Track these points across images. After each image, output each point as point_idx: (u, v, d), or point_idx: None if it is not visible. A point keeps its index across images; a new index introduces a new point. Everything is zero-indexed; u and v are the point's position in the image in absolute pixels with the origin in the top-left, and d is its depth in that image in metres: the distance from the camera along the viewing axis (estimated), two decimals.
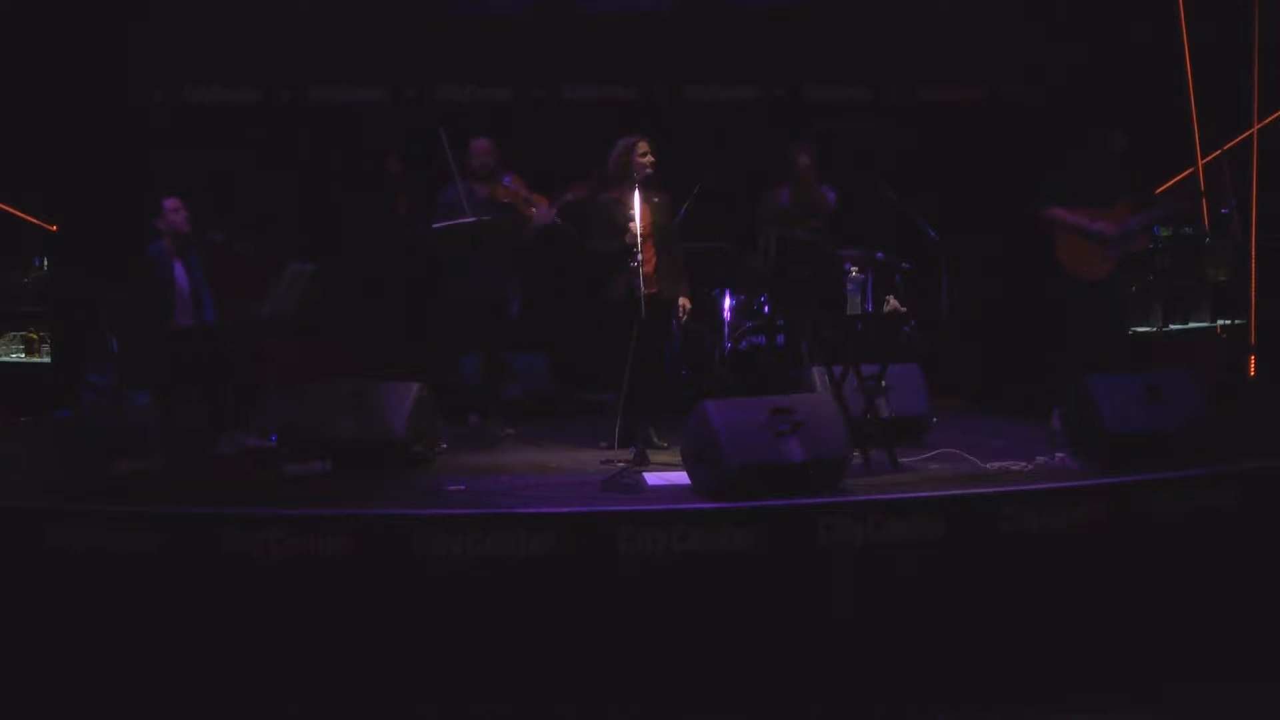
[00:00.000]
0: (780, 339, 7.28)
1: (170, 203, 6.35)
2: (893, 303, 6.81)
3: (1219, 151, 7.56)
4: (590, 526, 4.50)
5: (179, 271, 6.38)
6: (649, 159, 6.45)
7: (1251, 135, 8.14)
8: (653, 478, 5.43)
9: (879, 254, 7.60)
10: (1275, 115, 8.23)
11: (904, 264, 7.73)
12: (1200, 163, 8.34)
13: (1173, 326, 8.11)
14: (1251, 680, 4.65)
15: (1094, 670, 4.67)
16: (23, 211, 8.40)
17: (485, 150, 7.00)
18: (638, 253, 6.26)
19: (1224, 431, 5.62)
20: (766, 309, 7.39)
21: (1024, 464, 5.49)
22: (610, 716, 4.41)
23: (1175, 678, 4.66)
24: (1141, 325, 8.27)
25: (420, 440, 5.88)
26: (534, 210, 6.94)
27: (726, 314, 7.51)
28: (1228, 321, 7.86)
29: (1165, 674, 4.68)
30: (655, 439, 6.34)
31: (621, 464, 5.72)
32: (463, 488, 5.22)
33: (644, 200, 6.39)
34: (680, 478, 5.21)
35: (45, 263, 8.56)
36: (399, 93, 9.07)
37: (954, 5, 9.24)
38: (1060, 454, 5.56)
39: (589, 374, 8.31)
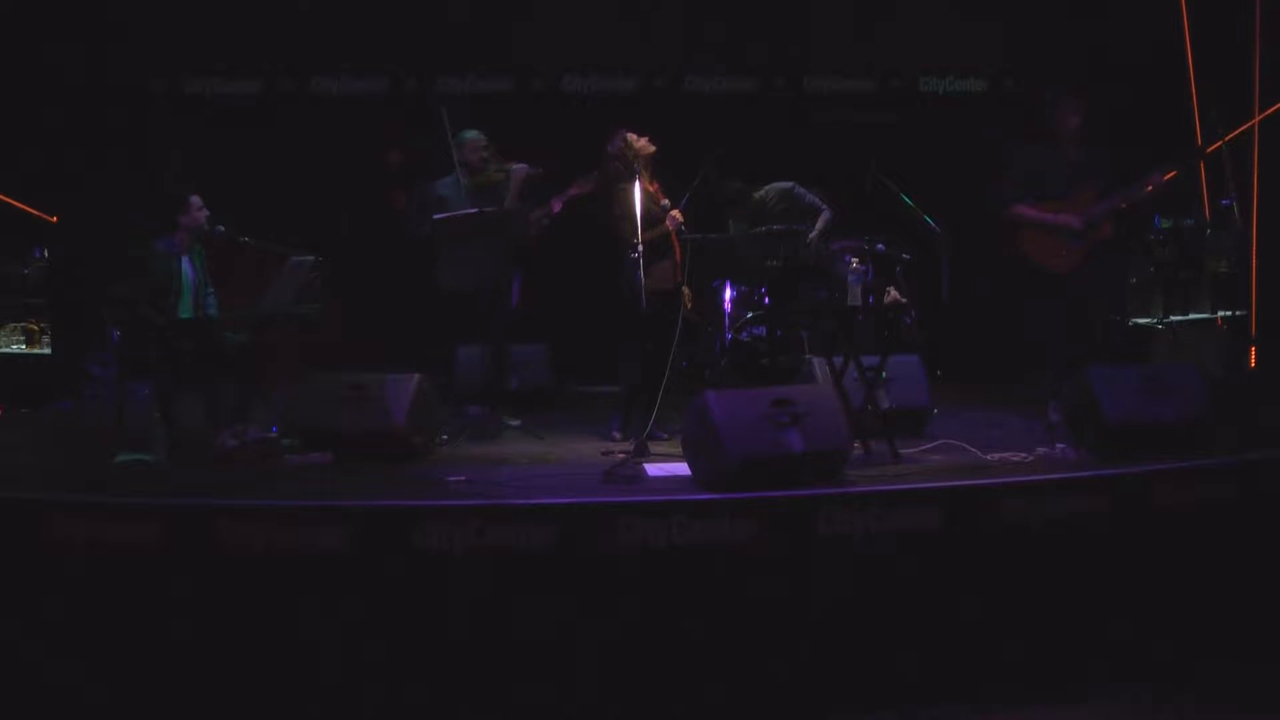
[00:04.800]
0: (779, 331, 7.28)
1: (196, 199, 6.37)
2: (893, 294, 6.81)
3: (1219, 143, 7.56)
4: (591, 517, 4.50)
5: (186, 265, 6.38)
6: (645, 140, 6.50)
7: (1253, 126, 8.14)
8: (653, 469, 5.43)
9: (879, 245, 7.60)
10: (1276, 107, 8.23)
11: (904, 255, 7.73)
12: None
13: (1174, 318, 8.11)
14: (1248, 678, 4.65)
15: (1093, 662, 4.67)
16: (23, 202, 8.40)
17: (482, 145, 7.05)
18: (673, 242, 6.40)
19: (1224, 423, 5.62)
20: (767, 300, 7.39)
21: (1024, 455, 5.48)
22: (610, 709, 4.42)
23: (1174, 672, 4.67)
24: (1142, 317, 8.27)
25: (421, 431, 5.88)
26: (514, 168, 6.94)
27: (727, 305, 7.50)
28: (1228, 313, 7.85)
29: (1163, 667, 4.69)
30: (657, 430, 6.35)
31: (621, 455, 5.73)
32: (463, 479, 5.22)
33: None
34: (681, 469, 5.21)
35: (46, 254, 8.55)
36: (400, 84, 9.08)
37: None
38: (1060, 445, 5.55)
39: (588, 365, 8.32)
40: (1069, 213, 6.63)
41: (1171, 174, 6.74)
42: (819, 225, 7.22)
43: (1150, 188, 6.67)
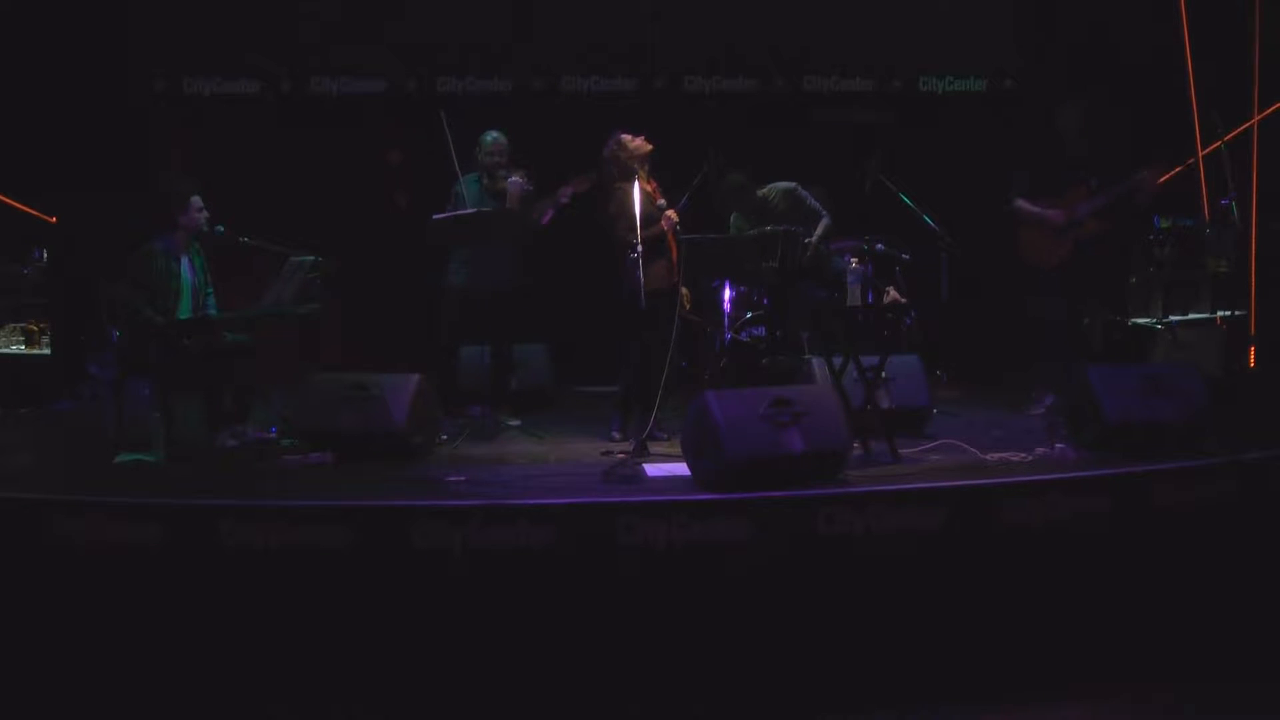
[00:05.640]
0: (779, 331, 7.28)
1: (197, 200, 6.38)
2: (893, 294, 6.81)
3: (1219, 143, 7.57)
4: (590, 517, 4.51)
5: (185, 265, 6.38)
6: (641, 139, 6.50)
7: (1252, 126, 8.14)
8: (653, 469, 5.43)
9: (879, 245, 7.61)
10: (1275, 106, 8.23)
11: (904, 255, 7.74)
12: (1200, 153, 8.35)
13: (1173, 318, 8.11)
14: (1249, 679, 4.64)
15: (1093, 662, 4.67)
16: (23, 203, 8.40)
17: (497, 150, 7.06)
18: (670, 241, 6.40)
19: (1224, 422, 5.62)
20: (766, 301, 7.39)
21: (1024, 455, 5.48)
22: (610, 709, 4.42)
23: (1175, 672, 4.67)
24: (1141, 317, 8.27)
25: (420, 431, 5.88)
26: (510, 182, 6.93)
27: (727, 305, 7.51)
28: (1228, 313, 7.86)
29: (1164, 667, 4.69)
30: (656, 430, 6.35)
31: (621, 455, 5.73)
32: (463, 479, 5.22)
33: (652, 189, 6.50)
34: (680, 469, 5.21)
35: (45, 254, 8.54)
36: (400, 84, 9.08)
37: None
38: (1060, 445, 5.56)
39: (588, 365, 8.32)
40: (1057, 209, 6.81)
41: (1162, 176, 6.80)
42: (819, 231, 7.22)
43: (1136, 189, 6.78)
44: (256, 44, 8.92)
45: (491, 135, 7.06)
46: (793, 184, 7.38)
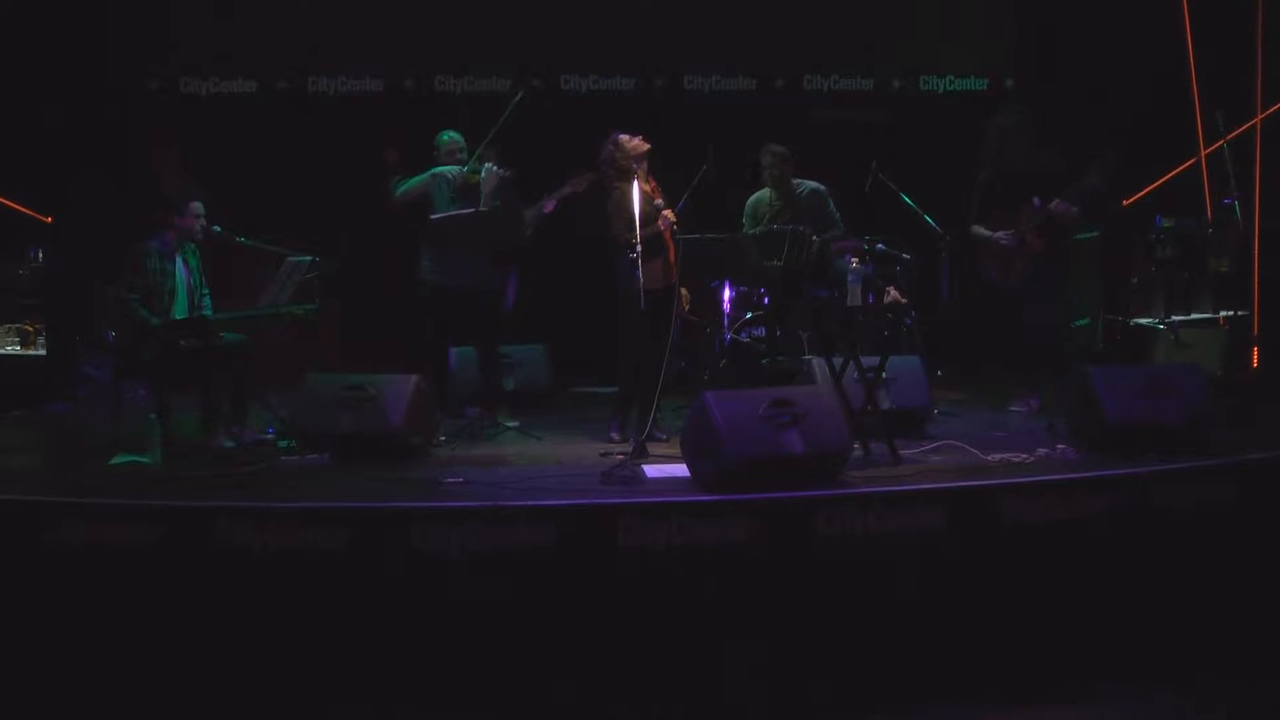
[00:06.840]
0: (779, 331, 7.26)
1: (197, 207, 6.36)
2: (893, 294, 6.79)
3: (1221, 142, 7.55)
4: (590, 518, 4.48)
5: (180, 265, 6.36)
6: (639, 139, 6.47)
7: (1255, 125, 8.13)
8: (652, 470, 5.41)
9: (879, 245, 7.59)
10: (1278, 106, 8.22)
11: (904, 255, 7.72)
12: (1203, 153, 8.33)
13: (1175, 318, 8.09)
14: (1249, 679, 4.63)
15: (1093, 662, 4.65)
16: (18, 203, 8.38)
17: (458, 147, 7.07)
18: (665, 242, 6.38)
19: (1225, 423, 5.60)
20: (766, 300, 7.37)
21: (1025, 455, 5.46)
22: (609, 709, 4.40)
23: (1175, 673, 4.65)
24: (1143, 317, 8.26)
25: (418, 432, 5.86)
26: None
27: (726, 305, 7.48)
28: (1230, 313, 7.84)
29: (1164, 668, 4.67)
30: (655, 430, 6.32)
31: (620, 456, 5.70)
32: (461, 480, 5.20)
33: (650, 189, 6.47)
34: (680, 470, 5.19)
35: (41, 254, 8.53)
36: (398, 84, 9.08)
37: None
38: (1061, 445, 5.54)
39: (587, 365, 8.30)
40: (1005, 229, 7.00)
41: (1065, 207, 6.85)
42: (827, 236, 7.21)
43: (1054, 216, 6.85)
44: (254, 43, 8.92)
45: (448, 135, 7.06)
46: (823, 187, 7.39)
